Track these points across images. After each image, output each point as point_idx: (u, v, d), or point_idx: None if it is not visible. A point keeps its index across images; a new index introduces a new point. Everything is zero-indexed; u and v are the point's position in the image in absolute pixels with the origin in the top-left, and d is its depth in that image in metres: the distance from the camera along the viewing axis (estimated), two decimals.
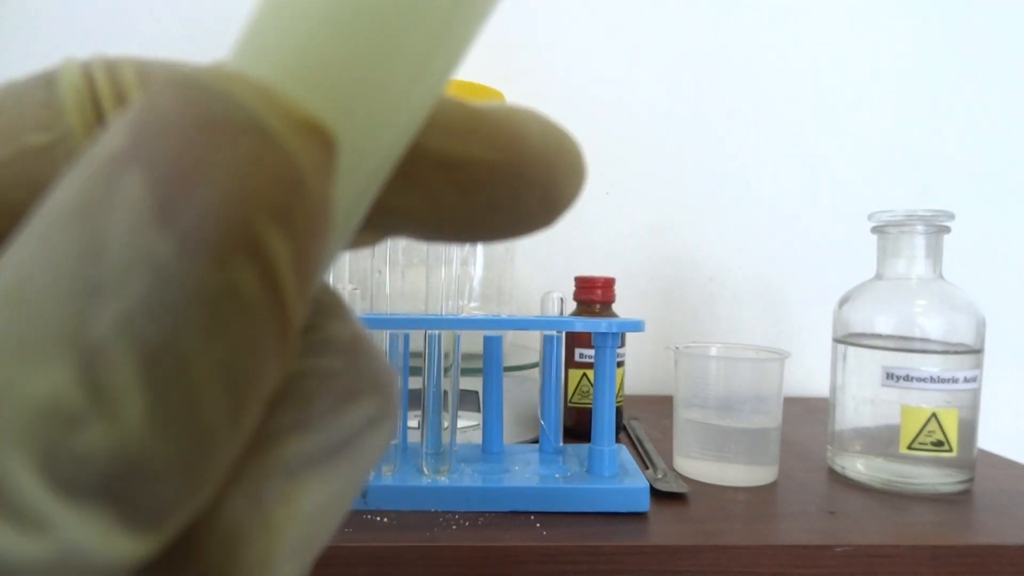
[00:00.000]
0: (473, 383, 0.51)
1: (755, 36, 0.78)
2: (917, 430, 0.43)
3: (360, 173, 0.09)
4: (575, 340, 0.54)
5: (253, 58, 0.08)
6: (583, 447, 0.44)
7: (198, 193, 0.07)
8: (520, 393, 0.54)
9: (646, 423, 0.60)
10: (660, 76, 0.77)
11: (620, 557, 0.34)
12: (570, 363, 0.55)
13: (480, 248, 0.56)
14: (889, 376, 0.44)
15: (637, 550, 0.34)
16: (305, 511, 0.09)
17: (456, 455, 0.44)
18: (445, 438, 0.41)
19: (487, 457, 0.44)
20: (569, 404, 0.55)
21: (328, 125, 0.08)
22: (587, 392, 0.54)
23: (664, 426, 0.59)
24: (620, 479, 0.40)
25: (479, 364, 0.45)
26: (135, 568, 0.07)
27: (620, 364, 0.54)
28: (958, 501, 0.42)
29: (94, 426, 0.07)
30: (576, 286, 0.56)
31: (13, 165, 0.10)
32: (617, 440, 0.49)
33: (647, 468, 0.46)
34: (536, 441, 0.51)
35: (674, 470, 0.46)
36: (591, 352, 0.54)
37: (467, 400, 0.51)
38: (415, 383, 0.50)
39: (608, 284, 0.55)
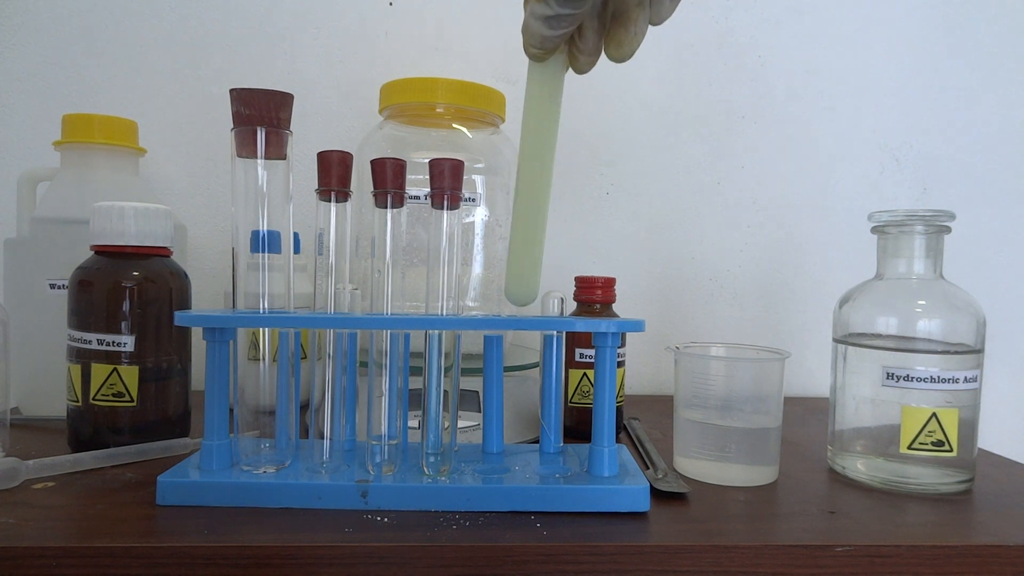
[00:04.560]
0: (473, 383, 0.51)
1: (756, 35, 0.78)
2: (917, 430, 0.43)
3: None
4: (575, 340, 0.54)
5: None
6: (583, 447, 0.44)
7: None
8: (520, 393, 0.54)
9: (646, 423, 0.60)
10: (660, 75, 0.77)
11: (620, 557, 0.34)
12: (570, 363, 0.55)
13: (480, 248, 0.56)
14: (889, 376, 0.44)
15: (637, 550, 0.34)
16: None
17: (456, 455, 0.44)
18: (445, 438, 0.41)
19: (487, 457, 0.44)
20: (569, 404, 0.55)
21: None
22: (587, 392, 0.54)
23: (664, 426, 0.59)
24: (620, 479, 0.40)
25: (479, 364, 0.45)
26: None
27: (620, 364, 0.54)
28: (958, 501, 0.42)
29: None
30: (576, 286, 0.56)
31: None
32: (617, 440, 0.49)
33: (647, 468, 0.46)
34: (536, 441, 0.51)
35: (674, 470, 0.46)
36: (591, 352, 0.54)
37: (467, 400, 0.51)
38: (415, 383, 0.50)
39: (608, 284, 0.55)
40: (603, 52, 0.36)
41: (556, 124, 0.39)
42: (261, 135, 0.39)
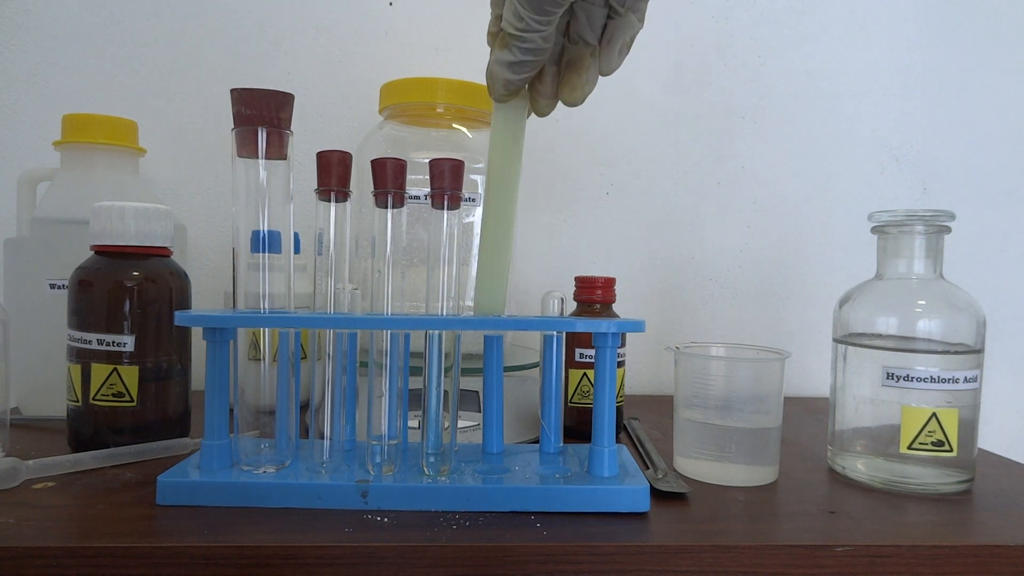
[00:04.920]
0: (473, 383, 0.51)
1: (756, 35, 0.78)
2: (917, 430, 0.43)
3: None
4: (575, 340, 0.54)
5: None
6: (583, 447, 0.44)
7: None
8: (520, 393, 0.54)
9: (646, 423, 0.60)
10: (660, 75, 0.77)
11: (620, 557, 0.34)
12: (570, 363, 0.55)
13: (480, 248, 0.56)
14: (889, 376, 0.44)
15: (637, 550, 0.34)
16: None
17: (456, 455, 0.44)
18: (445, 438, 0.41)
19: (487, 457, 0.44)
20: (569, 404, 0.55)
21: None
22: (587, 392, 0.54)
23: (664, 426, 0.59)
24: (620, 479, 0.40)
25: (479, 364, 0.45)
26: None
27: (620, 364, 0.54)
28: (958, 501, 0.42)
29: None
30: (576, 286, 0.56)
31: None
32: (617, 440, 0.49)
33: (647, 468, 0.46)
34: (536, 441, 0.51)
35: (674, 470, 0.46)
36: (591, 352, 0.54)
37: (467, 400, 0.51)
38: (415, 383, 0.50)
39: (608, 284, 0.55)
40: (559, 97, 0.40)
41: (519, 162, 0.42)
42: (262, 135, 0.39)
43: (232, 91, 0.38)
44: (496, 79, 0.37)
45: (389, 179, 0.40)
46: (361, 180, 0.56)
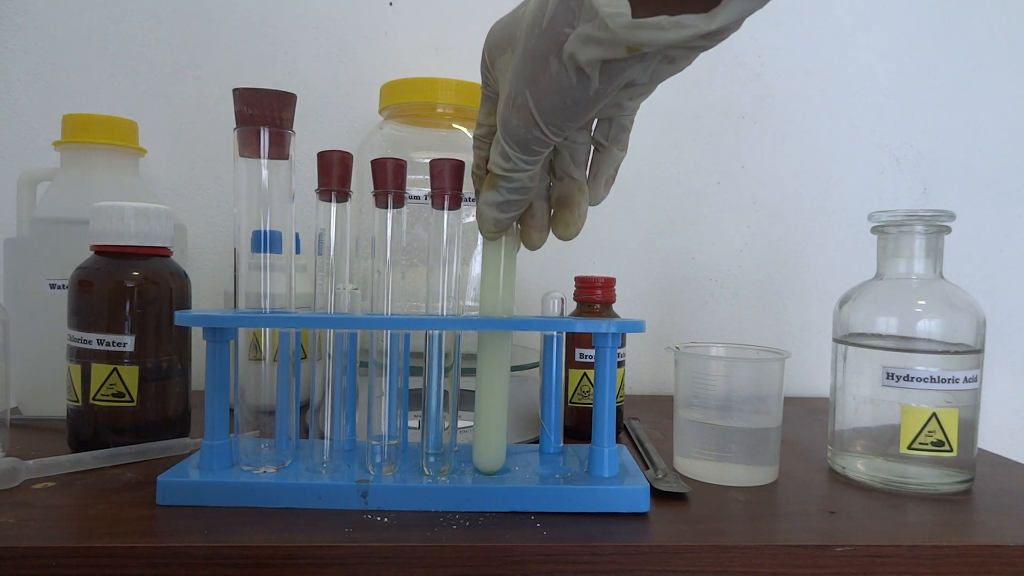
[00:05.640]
0: (473, 383, 0.51)
1: (756, 35, 0.78)
2: (917, 430, 0.43)
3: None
4: (575, 340, 0.54)
5: None
6: (583, 447, 0.44)
7: None
8: (520, 393, 0.54)
9: (646, 423, 0.60)
10: None
11: (620, 557, 0.34)
12: (570, 363, 0.55)
13: (480, 248, 0.56)
14: (889, 376, 0.44)
15: (637, 550, 0.34)
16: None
17: (456, 455, 0.44)
18: (446, 438, 0.41)
19: None
20: (569, 404, 0.55)
21: None
22: (587, 392, 0.54)
23: (664, 426, 0.59)
24: (620, 479, 0.40)
25: None
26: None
27: (620, 364, 0.54)
28: (958, 501, 0.42)
29: None
30: (576, 286, 0.56)
31: None
32: (617, 440, 0.49)
33: (647, 468, 0.46)
34: (536, 441, 0.51)
35: (674, 470, 0.46)
36: (591, 352, 0.54)
37: (467, 400, 0.51)
38: (415, 383, 0.50)
39: (608, 284, 0.55)
40: (552, 232, 0.40)
41: (512, 296, 0.41)
42: (264, 135, 0.39)
43: (235, 91, 0.38)
44: (485, 219, 0.37)
45: (389, 179, 0.40)
46: (361, 180, 0.56)
